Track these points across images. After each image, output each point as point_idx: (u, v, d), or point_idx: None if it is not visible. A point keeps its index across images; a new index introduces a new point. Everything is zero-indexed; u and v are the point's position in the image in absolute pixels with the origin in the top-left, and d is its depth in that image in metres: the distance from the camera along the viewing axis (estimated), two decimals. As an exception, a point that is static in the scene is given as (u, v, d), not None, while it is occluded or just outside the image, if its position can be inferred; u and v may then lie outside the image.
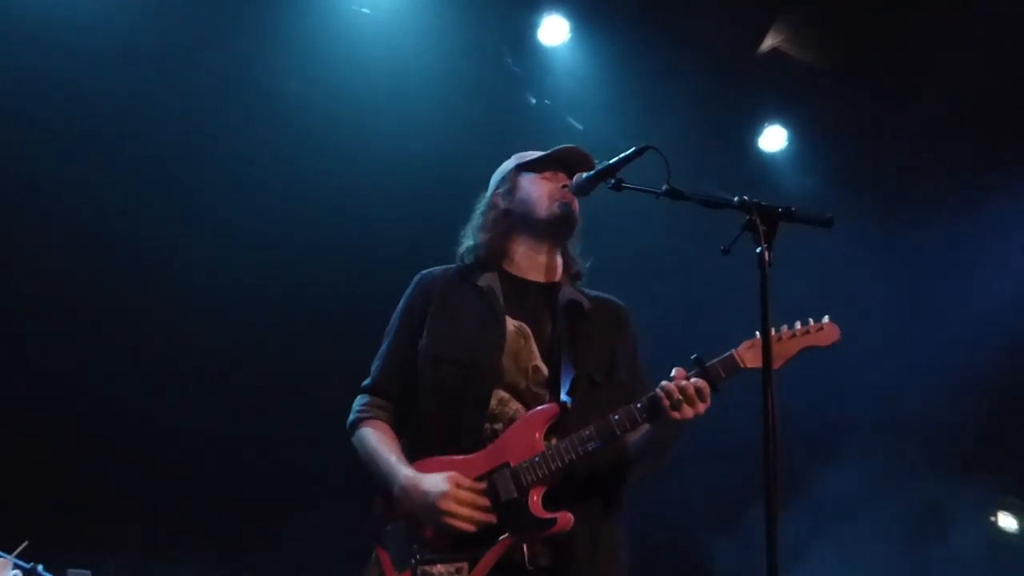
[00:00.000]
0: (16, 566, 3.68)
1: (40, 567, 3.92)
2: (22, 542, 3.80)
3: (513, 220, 3.29)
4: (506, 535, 2.89)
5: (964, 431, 7.50)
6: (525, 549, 2.90)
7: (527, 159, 3.37)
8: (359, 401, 3.24)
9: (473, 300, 3.19)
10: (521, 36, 6.70)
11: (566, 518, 2.88)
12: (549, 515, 2.89)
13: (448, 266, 3.35)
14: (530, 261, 3.28)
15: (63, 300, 6.29)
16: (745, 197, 2.66)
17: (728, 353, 2.96)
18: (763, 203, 2.64)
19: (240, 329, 6.56)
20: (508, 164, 3.43)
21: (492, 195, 3.38)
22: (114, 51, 5.88)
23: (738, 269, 2.82)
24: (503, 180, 3.39)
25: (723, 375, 2.94)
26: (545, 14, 6.59)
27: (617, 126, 6.83)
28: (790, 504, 6.21)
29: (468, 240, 3.36)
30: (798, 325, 2.98)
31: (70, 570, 3.86)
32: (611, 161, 3.04)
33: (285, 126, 6.47)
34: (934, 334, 7.32)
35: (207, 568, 6.06)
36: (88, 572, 3.91)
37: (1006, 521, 8.32)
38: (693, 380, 2.89)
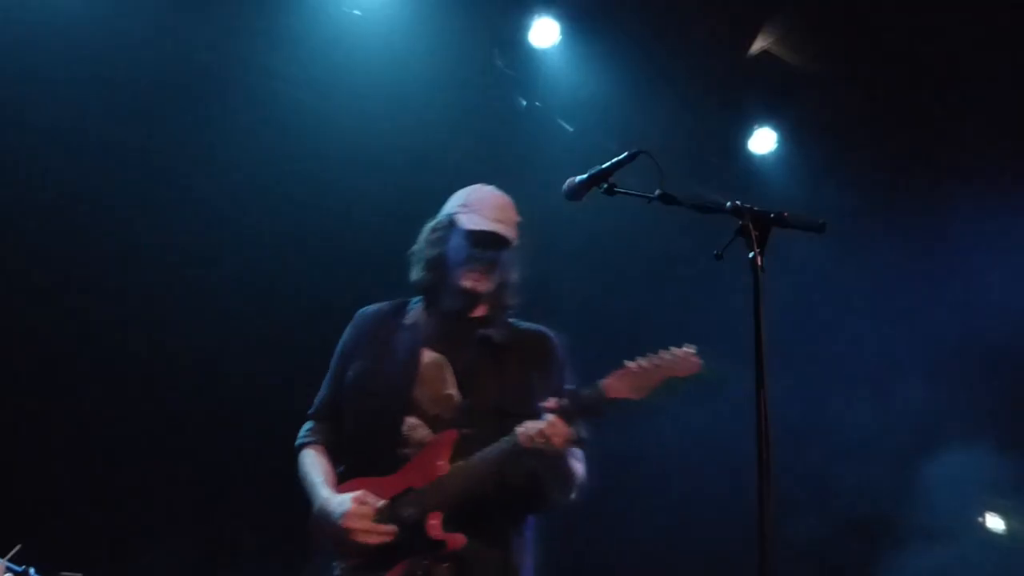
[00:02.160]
0: (8, 569, 3.68)
1: (32, 570, 3.92)
2: (15, 546, 3.80)
3: (442, 266, 3.45)
4: (408, 555, 3.10)
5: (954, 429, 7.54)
6: (427, 570, 3.09)
7: (462, 214, 3.45)
8: (304, 428, 3.52)
9: (397, 336, 3.44)
10: (512, 38, 6.69)
11: (456, 540, 3.08)
12: (442, 537, 3.08)
13: (384, 303, 3.59)
14: (454, 300, 3.45)
15: (49, 297, 6.27)
16: (737, 202, 2.68)
17: (596, 384, 3.10)
18: (755, 208, 2.65)
19: (236, 325, 6.57)
20: (452, 203, 3.53)
21: (431, 231, 3.51)
22: (102, 48, 5.86)
23: (730, 271, 2.82)
24: (444, 220, 3.50)
25: (589, 405, 3.09)
26: (536, 16, 6.58)
27: (607, 128, 6.84)
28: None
29: (413, 270, 3.52)
30: (663, 353, 3.07)
31: (63, 573, 3.86)
32: (604, 166, 3.04)
33: (276, 129, 6.45)
34: (923, 335, 7.36)
35: (200, 569, 6.05)
36: (80, 575, 3.91)
37: (993, 522, 8.36)
38: (546, 419, 3.04)
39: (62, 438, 6.18)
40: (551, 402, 3.09)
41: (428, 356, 3.37)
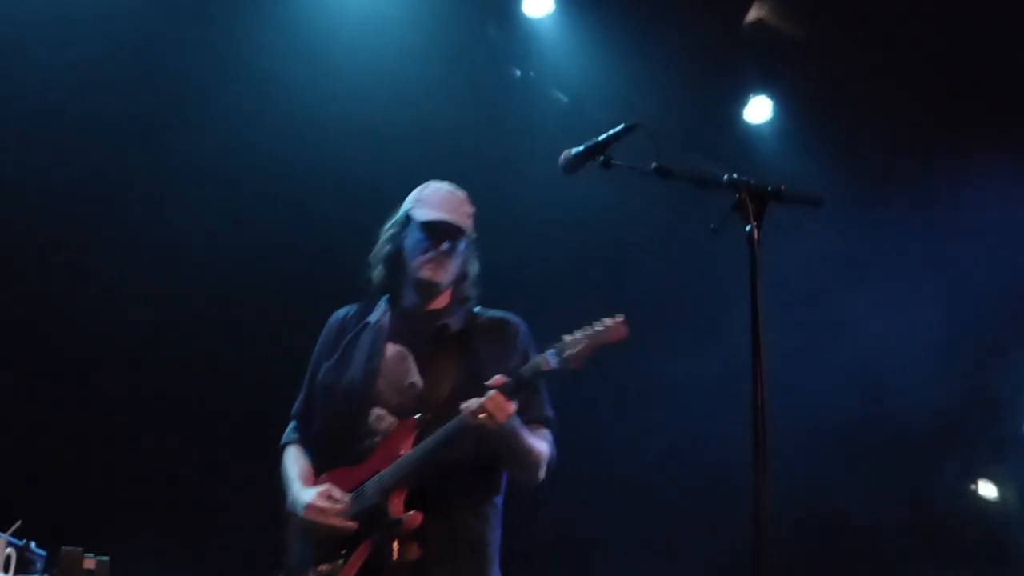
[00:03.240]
0: (10, 544, 3.70)
1: (33, 544, 3.94)
2: (15, 521, 3.82)
3: (400, 262, 3.62)
4: (371, 534, 3.29)
5: (950, 404, 7.60)
6: (396, 546, 3.27)
7: (417, 208, 3.60)
8: (288, 428, 3.76)
9: (363, 335, 3.63)
10: (505, 8, 6.65)
11: (413, 517, 3.25)
12: (400, 515, 3.26)
13: (352, 305, 3.78)
14: (413, 295, 3.61)
15: (37, 283, 6.29)
16: (734, 175, 2.68)
17: (536, 357, 3.28)
18: (752, 182, 2.65)
19: (228, 307, 6.58)
20: (409, 201, 3.68)
21: (389, 228, 3.67)
22: (93, 21, 5.84)
23: (726, 245, 2.82)
24: (395, 223, 3.68)
25: (528, 379, 3.26)
26: (529, -15, 6.55)
27: (602, 98, 6.81)
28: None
29: (372, 269, 3.70)
30: (592, 326, 3.22)
31: (64, 548, 3.88)
32: (599, 139, 3.03)
33: (263, 100, 6.41)
34: (919, 306, 7.37)
35: (194, 547, 6.08)
36: (81, 550, 3.93)
37: (986, 489, 8.42)
38: (486, 397, 3.18)
39: (61, 413, 6.19)
40: (494, 379, 3.23)
41: (391, 349, 3.55)
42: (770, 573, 2.37)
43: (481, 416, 3.18)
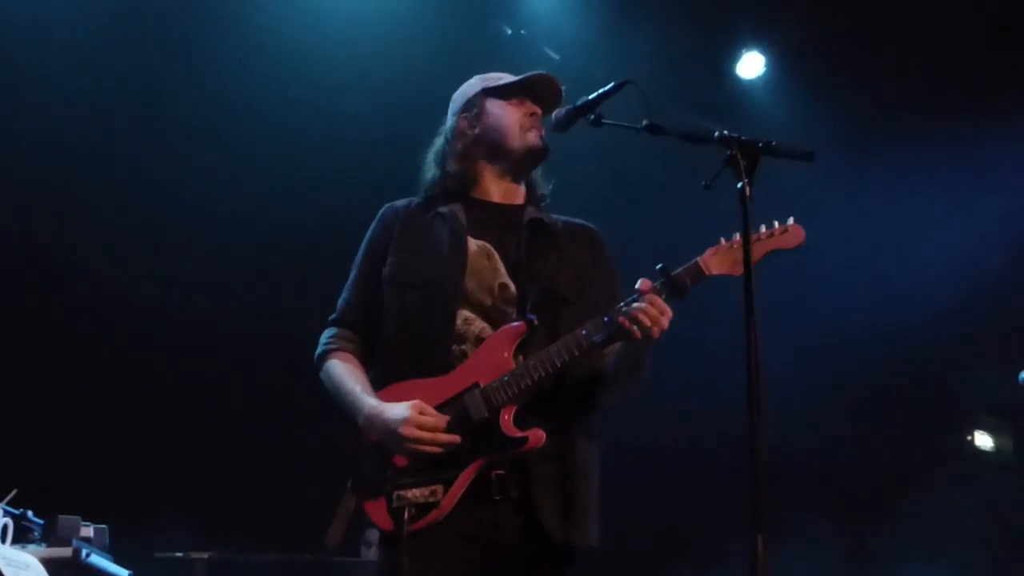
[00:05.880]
0: (6, 513, 3.70)
1: (30, 512, 3.93)
2: (11, 491, 3.82)
3: (481, 148, 3.24)
4: (480, 456, 2.87)
5: (938, 357, 7.62)
6: (493, 477, 2.89)
7: (492, 83, 3.30)
8: (326, 334, 3.22)
9: (435, 226, 3.18)
10: (497, -33, 6.63)
11: (537, 435, 2.84)
12: (521, 433, 2.86)
13: (412, 198, 3.32)
14: (497, 187, 3.25)
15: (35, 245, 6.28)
16: (725, 132, 2.65)
17: (693, 260, 2.92)
18: (743, 137, 2.62)
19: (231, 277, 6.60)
20: (472, 87, 3.35)
21: (458, 120, 3.31)
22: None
23: (716, 197, 2.80)
24: (469, 104, 3.31)
25: (688, 283, 2.89)
26: (519, -57, 6.51)
27: (594, 55, 6.77)
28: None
29: (433, 169, 3.32)
30: (763, 228, 2.90)
31: (61, 516, 3.87)
32: (590, 97, 3.00)
33: (251, 55, 6.40)
34: (909, 262, 7.38)
35: (192, 509, 6.10)
36: (78, 518, 3.93)
37: (982, 440, 8.48)
38: (646, 300, 2.83)
39: (56, 382, 6.19)
40: (644, 283, 2.87)
41: (473, 245, 3.11)
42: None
43: (644, 323, 2.80)
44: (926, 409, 7.93)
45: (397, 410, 2.90)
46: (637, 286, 2.88)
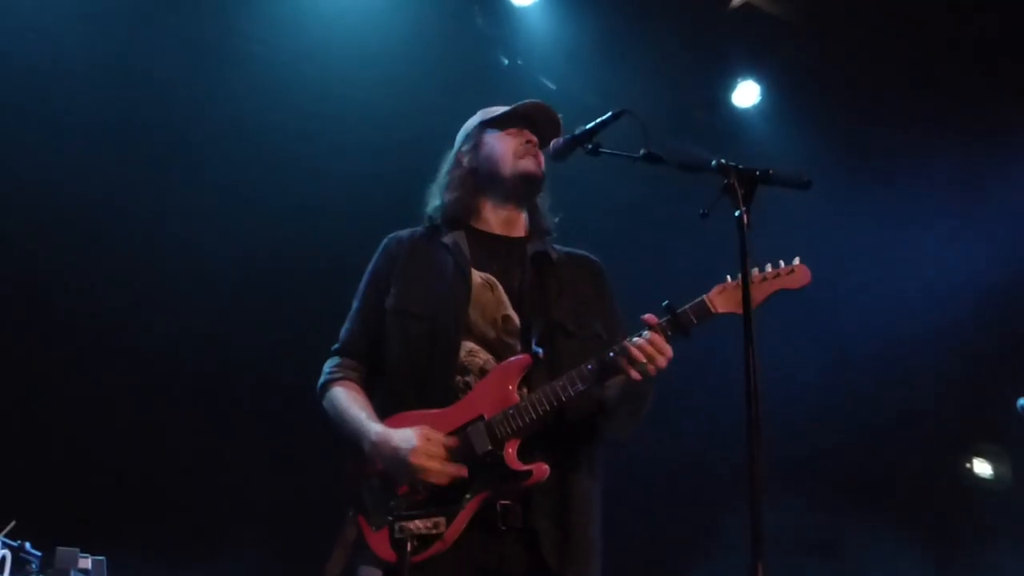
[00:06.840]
0: (4, 544, 3.69)
1: (28, 544, 3.92)
2: (9, 522, 3.81)
3: (479, 178, 3.30)
4: (483, 489, 2.88)
5: (937, 380, 7.61)
6: (498, 508, 2.89)
7: (491, 115, 3.39)
8: (329, 364, 3.24)
9: (439, 257, 3.20)
10: (491, -3, 6.66)
11: (541, 469, 2.86)
12: (525, 467, 2.87)
13: (416, 228, 3.35)
14: (497, 217, 3.29)
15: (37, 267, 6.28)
16: (722, 160, 2.67)
17: (699, 299, 2.94)
18: (741, 166, 2.64)
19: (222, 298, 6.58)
20: (473, 121, 3.45)
21: (457, 153, 3.38)
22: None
23: (714, 226, 2.81)
24: (467, 137, 3.39)
25: (694, 321, 2.92)
26: (514, -27, 6.55)
27: (590, 85, 6.79)
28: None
29: (435, 200, 3.36)
30: (768, 268, 2.94)
31: (59, 548, 3.86)
32: (588, 126, 3.03)
33: (251, 89, 6.43)
34: (906, 288, 7.39)
35: (184, 536, 6.07)
36: (76, 550, 3.92)
37: (981, 467, 8.45)
38: (645, 336, 2.86)
39: (56, 413, 6.16)
40: (650, 317, 2.89)
41: (477, 277, 3.14)
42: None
43: (641, 361, 2.83)
44: (923, 435, 7.91)
45: (405, 436, 2.90)
46: (643, 318, 2.91)
